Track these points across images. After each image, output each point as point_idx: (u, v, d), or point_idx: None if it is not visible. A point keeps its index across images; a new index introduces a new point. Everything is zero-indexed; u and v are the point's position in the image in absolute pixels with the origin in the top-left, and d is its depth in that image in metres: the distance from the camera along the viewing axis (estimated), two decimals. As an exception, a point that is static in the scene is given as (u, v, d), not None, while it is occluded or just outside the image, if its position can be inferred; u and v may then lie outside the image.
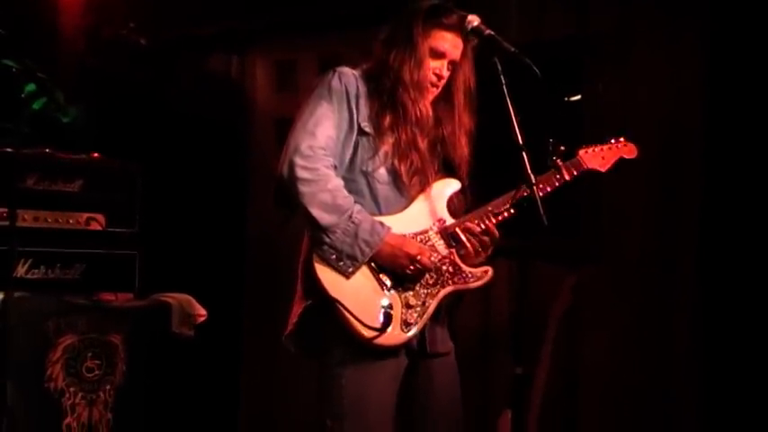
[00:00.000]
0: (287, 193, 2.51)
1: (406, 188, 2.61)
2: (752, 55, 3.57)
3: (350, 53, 4.78)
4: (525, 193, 2.42)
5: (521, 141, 2.36)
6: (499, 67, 2.44)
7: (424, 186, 2.63)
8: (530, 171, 2.35)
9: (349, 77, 2.63)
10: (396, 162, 2.59)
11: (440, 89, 2.67)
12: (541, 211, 2.34)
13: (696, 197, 3.74)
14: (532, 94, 2.37)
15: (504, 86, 2.42)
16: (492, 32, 2.51)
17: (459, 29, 2.61)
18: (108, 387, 3.63)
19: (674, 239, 3.82)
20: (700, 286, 3.71)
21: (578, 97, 4.21)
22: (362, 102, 2.62)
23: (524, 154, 2.36)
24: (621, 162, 2.76)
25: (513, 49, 2.44)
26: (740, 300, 3.55)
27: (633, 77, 3.96)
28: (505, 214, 2.59)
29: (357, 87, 2.63)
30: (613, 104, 4.01)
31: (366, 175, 2.60)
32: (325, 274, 2.47)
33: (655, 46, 3.91)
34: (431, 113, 2.65)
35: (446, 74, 2.65)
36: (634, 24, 3.97)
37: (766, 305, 3.49)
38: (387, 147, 2.59)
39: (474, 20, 2.54)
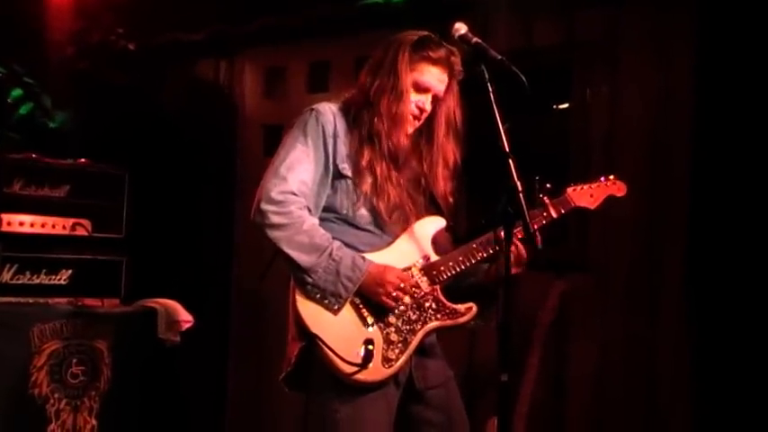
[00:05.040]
0: (263, 239, 2.47)
1: (388, 226, 2.57)
2: (740, 60, 3.58)
3: (340, 59, 4.83)
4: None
5: (507, 149, 2.35)
6: (486, 75, 2.42)
7: (405, 223, 2.59)
8: (516, 178, 2.33)
9: (326, 116, 2.58)
10: (374, 200, 2.55)
11: (422, 122, 2.63)
12: (527, 219, 2.32)
13: (684, 204, 3.75)
14: (520, 101, 2.35)
15: (491, 94, 2.41)
16: (479, 40, 2.47)
17: (447, 63, 2.59)
18: (93, 393, 3.61)
19: (661, 246, 3.82)
20: (687, 293, 3.71)
21: (566, 105, 4.22)
22: (341, 140, 2.57)
23: (511, 161, 2.34)
24: (611, 199, 2.71)
25: (499, 57, 2.42)
26: (728, 307, 3.56)
27: (621, 84, 3.97)
28: (489, 250, 2.57)
29: (335, 126, 2.57)
30: (601, 111, 4.03)
31: (347, 219, 2.57)
32: (307, 311, 2.46)
33: (642, 52, 3.91)
34: (406, 146, 2.60)
35: (428, 108, 2.61)
36: (621, 31, 3.98)
37: (755, 311, 3.50)
38: (366, 187, 2.55)
39: (461, 27, 2.49)
